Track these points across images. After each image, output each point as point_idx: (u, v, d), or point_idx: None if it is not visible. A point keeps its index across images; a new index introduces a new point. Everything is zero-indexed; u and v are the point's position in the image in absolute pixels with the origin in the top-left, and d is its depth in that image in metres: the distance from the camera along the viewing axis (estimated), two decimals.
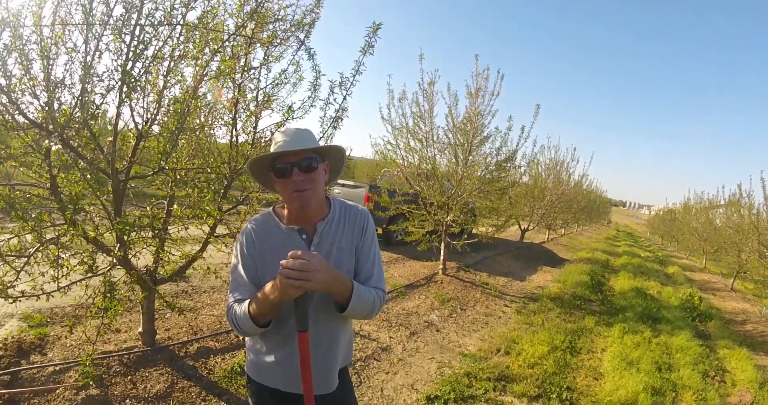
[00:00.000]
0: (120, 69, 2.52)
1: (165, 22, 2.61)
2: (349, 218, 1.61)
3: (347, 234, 1.59)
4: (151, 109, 2.86)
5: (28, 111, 2.48)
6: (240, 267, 1.54)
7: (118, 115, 2.69)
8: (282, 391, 1.59)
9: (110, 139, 2.77)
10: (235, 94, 3.17)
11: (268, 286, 1.38)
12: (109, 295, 2.79)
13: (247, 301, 1.45)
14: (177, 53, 2.77)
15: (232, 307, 1.49)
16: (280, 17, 3.17)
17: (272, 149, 1.49)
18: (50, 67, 2.46)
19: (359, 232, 1.61)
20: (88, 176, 2.61)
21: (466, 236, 8.04)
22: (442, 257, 8.06)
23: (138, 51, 2.54)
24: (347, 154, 1.70)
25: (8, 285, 2.49)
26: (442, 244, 7.99)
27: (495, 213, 9.33)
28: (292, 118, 3.26)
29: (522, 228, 13.87)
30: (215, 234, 3.42)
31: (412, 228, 8.01)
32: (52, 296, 2.73)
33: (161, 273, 3.42)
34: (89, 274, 2.82)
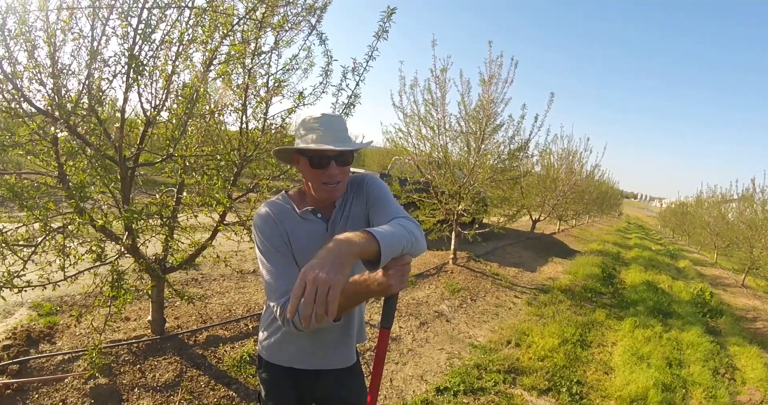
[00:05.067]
0: (127, 53, 2.46)
1: (173, 5, 2.54)
2: (354, 188, 1.61)
3: (357, 204, 1.58)
4: (160, 95, 2.81)
5: (35, 98, 2.43)
6: (271, 252, 1.43)
7: (126, 100, 2.64)
8: (296, 369, 1.61)
9: (117, 125, 2.72)
10: (245, 79, 3.10)
11: (369, 279, 1.24)
12: (117, 283, 2.77)
13: None
14: (186, 38, 2.71)
15: (287, 305, 1.24)
16: (291, 1, 3.09)
17: (307, 135, 1.45)
18: (56, 53, 2.40)
19: (365, 195, 1.57)
20: (96, 163, 2.57)
21: (477, 226, 7.94)
22: (452, 247, 8.00)
23: (145, 34, 2.47)
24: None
25: (15, 275, 2.46)
26: (453, 233, 7.92)
27: (506, 203, 9.24)
28: (303, 105, 3.20)
29: (533, 218, 13.77)
30: (225, 222, 3.39)
31: (423, 217, 7.94)
32: (59, 286, 2.71)
33: (170, 261, 3.41)
34: (97, 263, 2.80)
